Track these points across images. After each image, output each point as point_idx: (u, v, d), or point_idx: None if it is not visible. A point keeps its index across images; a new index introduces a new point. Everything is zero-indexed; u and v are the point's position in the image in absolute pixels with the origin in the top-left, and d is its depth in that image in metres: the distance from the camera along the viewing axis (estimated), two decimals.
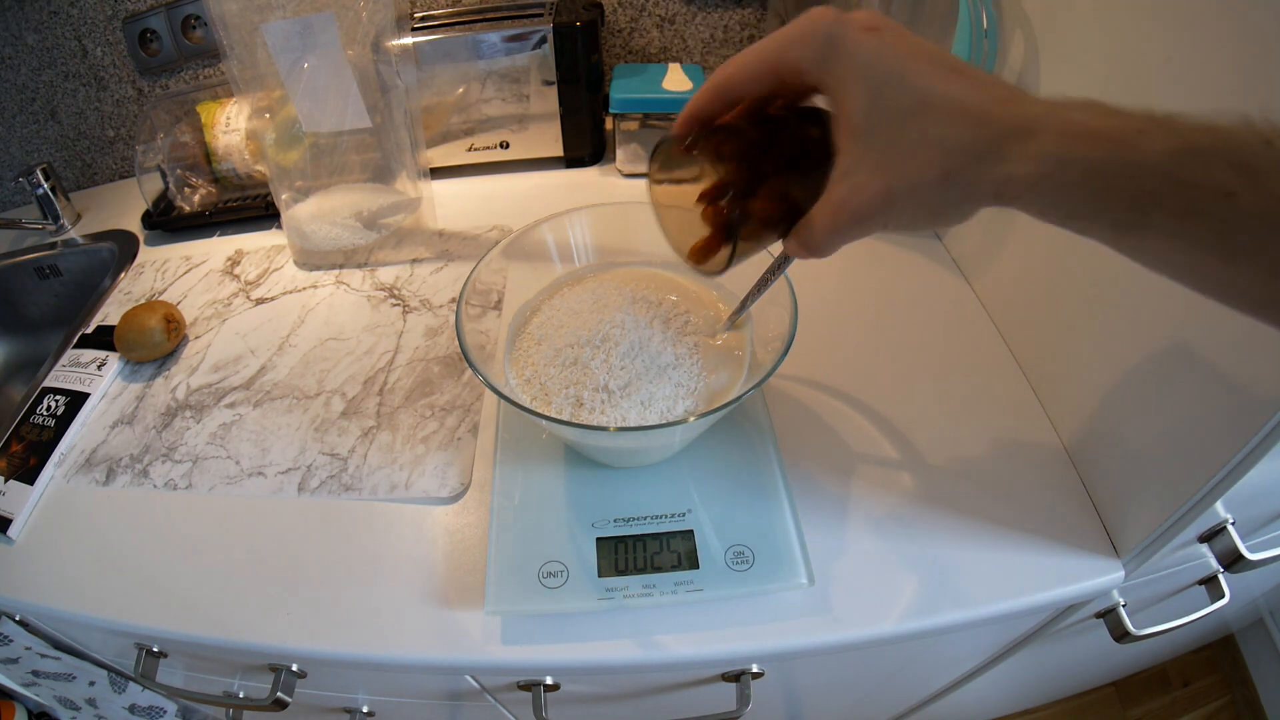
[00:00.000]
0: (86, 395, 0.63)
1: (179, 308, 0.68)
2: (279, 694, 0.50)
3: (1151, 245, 0.25)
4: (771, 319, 0.46)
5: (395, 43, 0.67)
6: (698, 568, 0.44)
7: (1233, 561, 0.45)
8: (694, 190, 0.34)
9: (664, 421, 0.43)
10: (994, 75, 0.28)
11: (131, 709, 0.77)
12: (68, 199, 0.89)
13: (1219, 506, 0.41)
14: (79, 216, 0.90)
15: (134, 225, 0.85)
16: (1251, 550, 0.44)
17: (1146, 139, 0.23)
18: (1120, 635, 0.54)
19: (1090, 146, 0.24)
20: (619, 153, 0.82)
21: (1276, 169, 0.21)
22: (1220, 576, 0.56)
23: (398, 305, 0.69)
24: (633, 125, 0.79)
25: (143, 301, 0.72)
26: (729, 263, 0.34)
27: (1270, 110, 0.22)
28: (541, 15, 0.75)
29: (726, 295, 0.51)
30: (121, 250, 0.82)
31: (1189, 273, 0.25)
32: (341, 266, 0.74)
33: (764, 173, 0.32)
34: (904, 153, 0.27)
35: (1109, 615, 0.55)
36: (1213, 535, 0.45)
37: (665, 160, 0.35)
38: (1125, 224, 0.24)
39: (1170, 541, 0.42)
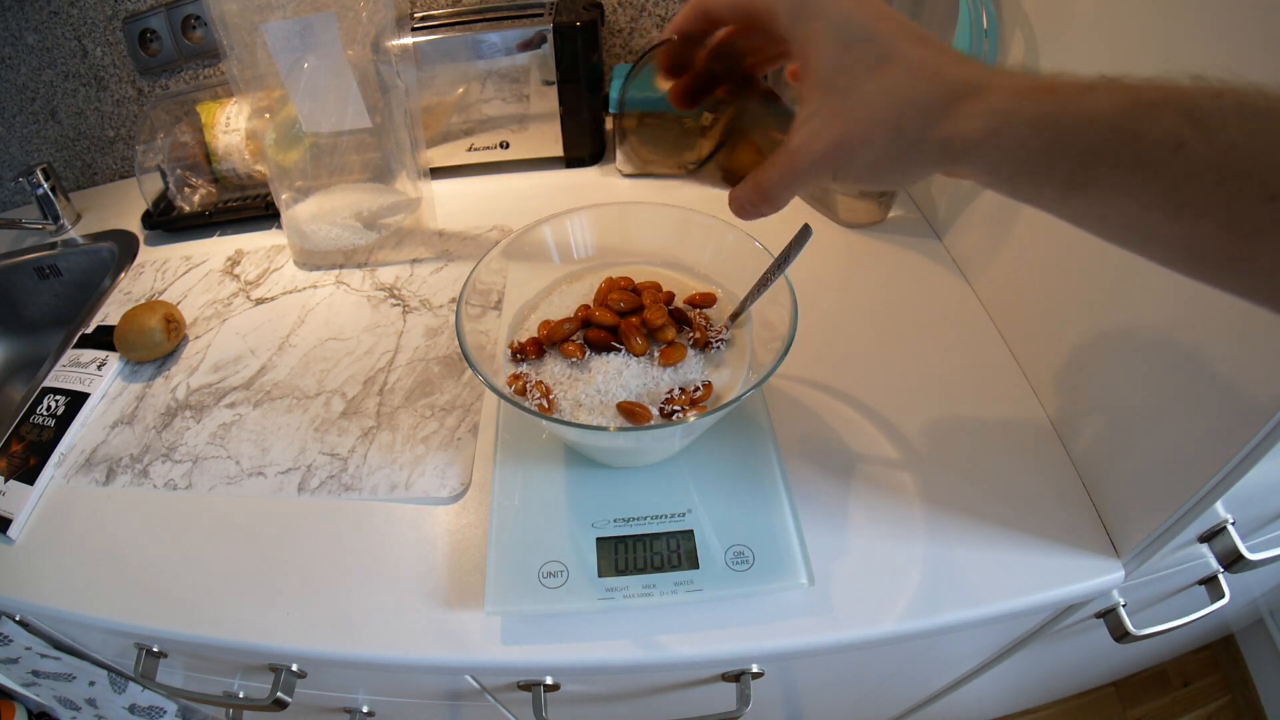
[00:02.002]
0: (86, 395, 0.63)
1: (179, 308, 0.68)
2: (279, 694, 0.50)
3: (1099, 205, 0.24)
4: (772, 319, 0.46)
5: (395, 43, 0.67)
6: (698, 568, 0.44)
7: (1233, 561, 0.45)
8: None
9: (664, 422, 0.43)
10: (955, 49, 0.29)
11: (131, 709, 0.77)
12: (68, 199, 0.89)
13: (1219, 506, 0.41)
14: (79, 216, 0.90)
15: (134, 225, 0.85)
16: (1251, 550, 0.44)
17: (1094, 95, 0.23)
18: (1120, 635, 0.54)
19: (1038, 102, 0.24)
20: (619, 153, 0.82)
21: (1226, 119, 0.21)
22: (1220, 576, 0.56)
23: (398, 305, 0.69)
24: (632, 124, 0.79)
25: (143, 301, 0.72)
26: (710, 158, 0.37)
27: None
28: (541, 15, 0.75)
29: (727, 295, 0.51)
30: (121, 250, 0.82)
31: (1137, 233, 0.25)
32: (341, 266, 0.74)
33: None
34: (861, 101, 0.28)
35: (1109, 615, 0.55)
36: (1213, 535, 0.45)
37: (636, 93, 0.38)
38: (1074, 182, 0.24)
39: (1170, 541, 0.42)
